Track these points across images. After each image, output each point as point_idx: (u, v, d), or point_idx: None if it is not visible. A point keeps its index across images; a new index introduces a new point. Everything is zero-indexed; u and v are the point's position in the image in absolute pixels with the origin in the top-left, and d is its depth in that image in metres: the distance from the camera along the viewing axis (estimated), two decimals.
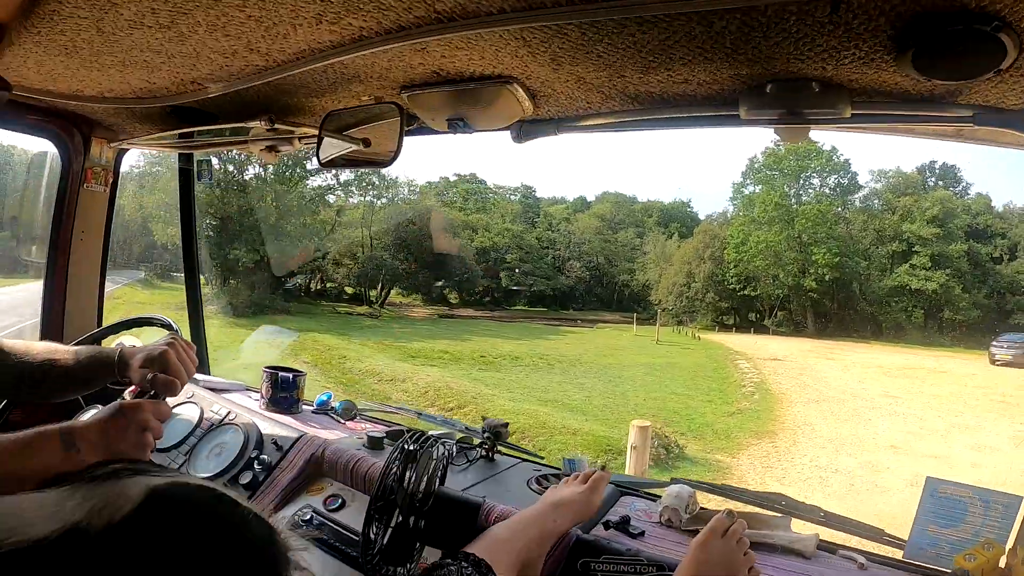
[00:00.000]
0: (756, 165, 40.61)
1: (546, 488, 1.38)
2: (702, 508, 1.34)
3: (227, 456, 1.61)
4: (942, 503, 1.20)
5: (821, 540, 1.27)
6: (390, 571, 1.06)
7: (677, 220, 48.53)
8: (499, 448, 1.65)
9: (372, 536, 1.05)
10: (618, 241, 46.57)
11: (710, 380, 17.96)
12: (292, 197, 27.39)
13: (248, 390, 2.07)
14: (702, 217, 48.15)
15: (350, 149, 1.36)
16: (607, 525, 1.25)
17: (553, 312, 41.84)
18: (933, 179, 40.97)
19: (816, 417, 13.62)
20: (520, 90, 1.15)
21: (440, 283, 37.70)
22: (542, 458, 1.68)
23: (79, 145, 1.83)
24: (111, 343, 1.83)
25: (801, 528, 1.31)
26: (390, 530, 1.06)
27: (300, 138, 1.57)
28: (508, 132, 1.32)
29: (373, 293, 34.02)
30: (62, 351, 1.22)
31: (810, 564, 1.18)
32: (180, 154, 1.99)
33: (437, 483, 1.15)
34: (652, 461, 7.55)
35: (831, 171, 39.84)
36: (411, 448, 1.11)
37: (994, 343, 25.38)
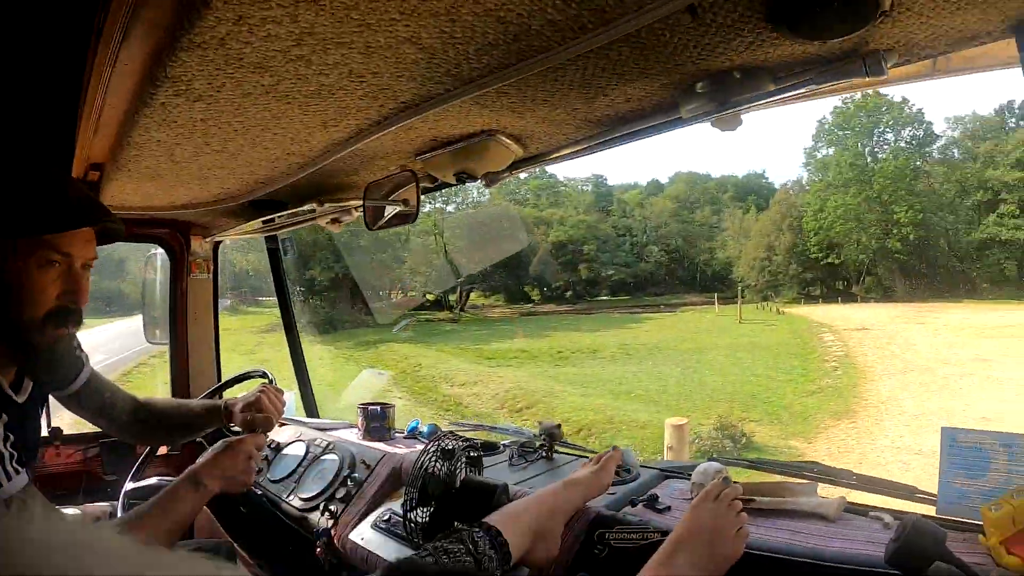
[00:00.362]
0: (827, 126, 38.42)
1: None
2: (734, 483, 1.39)
3: (327, 477, 1.92)
4: (964, 453, 1.17)
5: (852, 503, 1.30)
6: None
7: (753, 192, 46.99)
8: (557, 448, 1.84)
9: (413, 518, 1.28)
10: (695, 221, 44.95)
11: (792, 358, 17.01)
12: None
13: (352, 427, 2.35)
14: (777, 187, 45.30)
15: (393, 211, 1.60)
16: (634, 503, 1.39)
17: (635, 300, 40.65)
18: (1013, 120, 36.19)
19: (902, 391, 12.54)
20: (504, 138, 1.35)
21: (518, 281, 37.24)
22: (595, 452, 1.84)
23: (182, 244, 2.28)
24: (235, 392, 2.22)
25: (834, 492, 1.34)
26: (427, 511, 1.29)
27: (356, 208, 1.86)
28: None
29: (453, 298, 33.88)
30: (186, 403, 1.64)
31: (833, 526, 1.22)
32: (266, 236, 2.37)
33: (465, 472, 1.38)
34: (717, 455, 7.38)
35: (904, 123, 36.75)
36: (443, 446, 1.35)
37: None
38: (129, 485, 1.95)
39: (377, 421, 2.16)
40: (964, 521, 1.14)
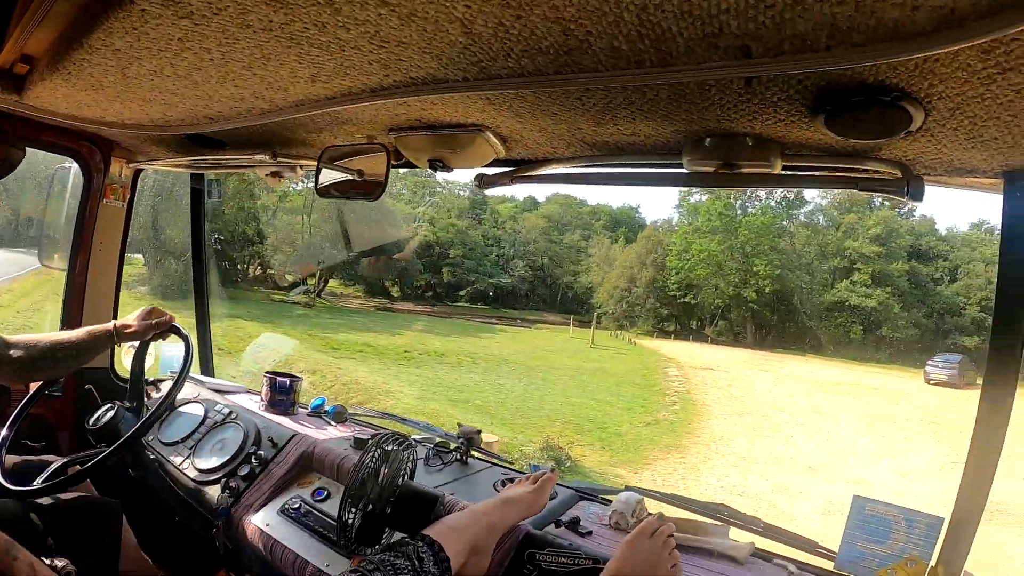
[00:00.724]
0: None
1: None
2: (649, 514, 1.43)
3: (228, 450, 1.77)
4: (869, 519, 1.27)
5: (758, 548, 1.36)
6: (362, 550, 1.22)
7: (624, 225, 48.33)
8: (472, 452, 1.79)
9: (348, 520, 1.20)
10: (564, 242, 45.86)
11: (635, 387, 17.37)
12: (230, 180, 25.08)
13: (249, 392, 2.22)
14: (648, 223, 47.46)
15: (344, 179, 1.50)
16: (558, 524, 1.38)
17: (494, 310, 40.89)
18: (879, 199, 39.82)
19: (735, 432, 13.03)
20: (492, 136, 1.28)
21: (379, 275, 36.92)
22: (512, 463, 1.82)
23: (100, 164, 2.00)
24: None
25: (740, 537, 1.40)
26: (361, 515, 1.20)
27: (302, 166, 1.71)
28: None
29: (312, 282, 32.41)
30: (65, 335, 1.57)
31: (743, 570, 1.28)
32: (192, 174, 2.16)
33: (404, 478, 1.30)
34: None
35: None
36: (389, 448, 1.27)
37: (929, 363, 25.36)
38: (4, 432, 1.67)
39: (283, 394, 2.03)
40: None
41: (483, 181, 1.42)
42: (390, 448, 1.27)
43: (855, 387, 20.84)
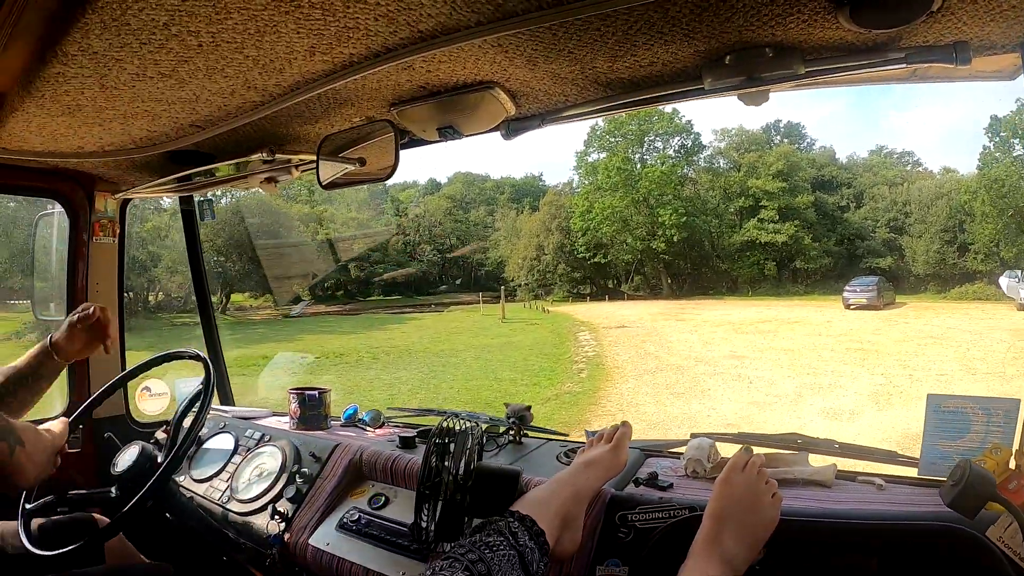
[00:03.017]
0: (599, 132, 40.39)
1: (574, 458, 1.48)
2: (723, 457, 1.39)
3: (269, 475, 1.68)
4: (945, 417, 1.24)
5: (839, 470, 1.32)
6: (443, 547, 1.14)
7: (530, 195, 48.03)
8: (525, 431, 1.72)
9: (423, 520, 1.13)
10: (469, 220, 45.84)
11: (544, 358, 16.42)
12: None
13: (275, 415, 2.12)
14: (550, 187, 47.16)
15: (348, 169, 1.43)
16: (637, 482, 1.32)
17: (407, 299, 40.37)
18: (778, 137, 41.86)
19: (647, 393, 12.06)
20: (502, 93, 1.22)
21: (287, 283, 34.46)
22: (566, 435, 1.76)
23: (83, 201, 1.89)
24: (138, 385, 1.90)
25: (818, 462, 1.36)
26: (439, 510, 1.13)
27: (297, 166, 1.63)
28: (497, 132, 1.39)
29: (216, 299, 30.32)
30: (5, 369, 1.44)
31: (832, 492, 1.24)
32: (181, 197, 2.06)
33: (475, 460, 1.23)
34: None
35: (673, 132, 40.38)
36: (452, 432, 1.19)
37: (847, 288, 25.95)
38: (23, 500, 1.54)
39: (313, 408, 1.94)
40: (944, 480, 1.17)
41: (509, 130, 1.36)
42: (456, 430, 1.20)
43: (775, 323, 20.82)
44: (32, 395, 1.46)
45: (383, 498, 1.51)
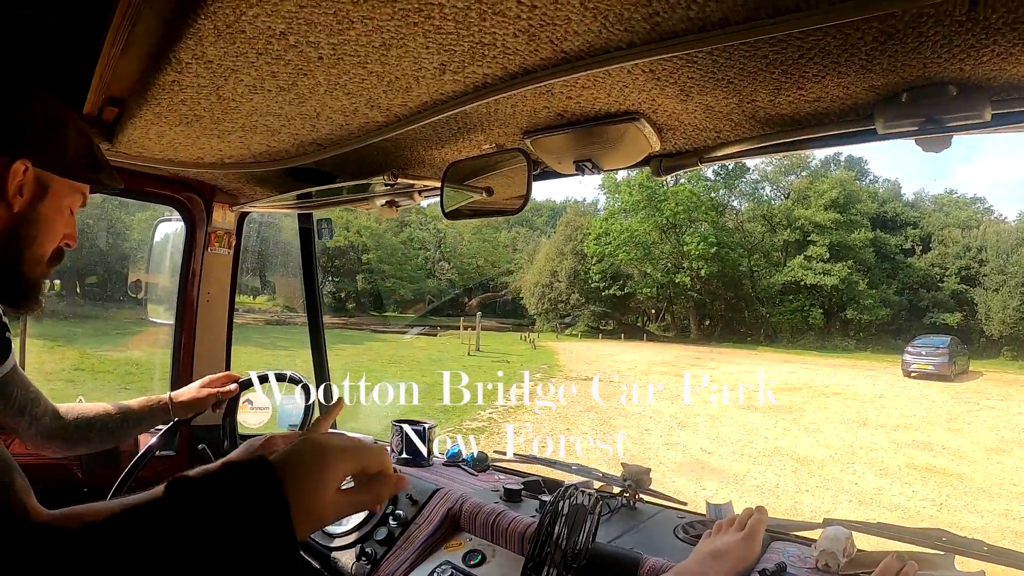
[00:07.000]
0: None
1: (695, 536, 1.30)
2: (859, 550, 1.23)
3: (361, 512, 1.59)
4: None
5: None
6: None
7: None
8: (640, 496, 1.55)
9: None
10: (499, 241, 42.48)
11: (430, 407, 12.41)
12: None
13: (377, 443, 2.06)
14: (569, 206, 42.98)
15: (474, 199, 1.32)
16: (763, 574, 1.14)
17: (423, 319, 37.33)
18: (836, 169, 36.23)
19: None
20: (647, 126, 1.07)
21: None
22: (685, 504, 1.58)
23: (202, 211, 1.90)
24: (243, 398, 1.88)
25: (964, 565, 1.18)
26: None
27: (420, 191, 1.54)
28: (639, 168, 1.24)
29: None
30: (116, 405, 1.46)
31: None
32: (299, 215, 2.04)
33: (592, 538, 1.09)
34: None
35: None
36: (571, 502, 1.07)
37: (909, 348, 21.38)
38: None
39: (419, 443, 1.85)
40: None
41: (662, 167, 1.20)
42: (575, 502, 1.06)
43: (806, 392, 15.49)
44: (130, 433, 1.50)
45: (480, 555, 1.40)
